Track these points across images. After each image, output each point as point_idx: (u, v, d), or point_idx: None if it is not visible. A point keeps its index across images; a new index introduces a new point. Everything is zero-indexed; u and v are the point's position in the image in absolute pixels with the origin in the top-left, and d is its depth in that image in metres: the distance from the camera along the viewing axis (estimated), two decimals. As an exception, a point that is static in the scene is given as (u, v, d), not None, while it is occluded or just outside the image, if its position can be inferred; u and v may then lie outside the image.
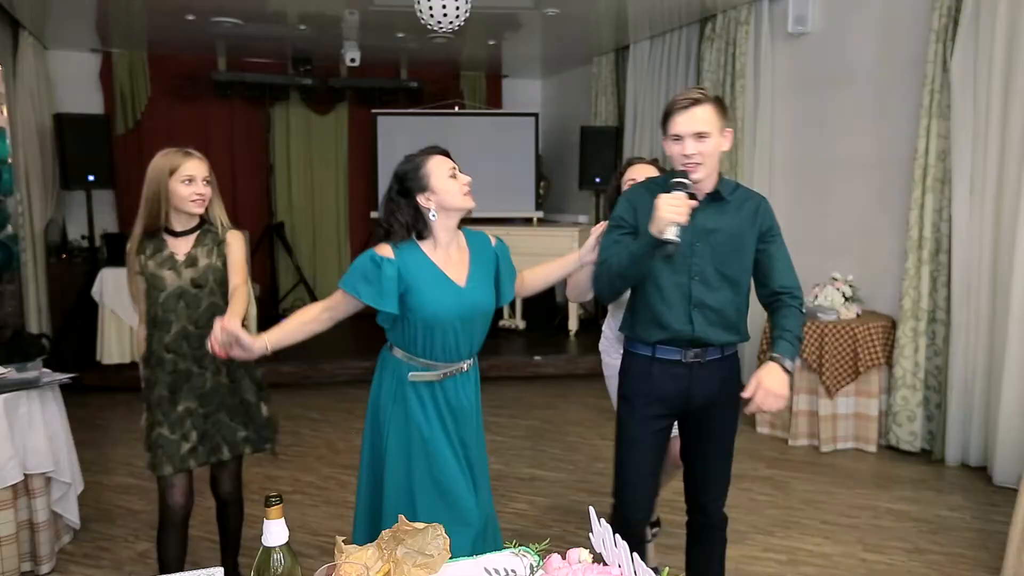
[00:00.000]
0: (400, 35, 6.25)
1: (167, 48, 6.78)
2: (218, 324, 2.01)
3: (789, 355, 2.03)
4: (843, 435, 4.24)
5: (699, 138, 1.97)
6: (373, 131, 7.38)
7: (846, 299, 4.33)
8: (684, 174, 1.96)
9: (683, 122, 1.98)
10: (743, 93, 5.15)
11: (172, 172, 2.27)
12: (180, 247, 2.35)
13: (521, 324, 6.81)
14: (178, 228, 2.35)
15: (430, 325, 2.01)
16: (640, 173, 2.62)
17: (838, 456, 4.16)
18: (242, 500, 2.65)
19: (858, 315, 4.31)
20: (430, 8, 3.86)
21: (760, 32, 5.09)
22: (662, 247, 1.90)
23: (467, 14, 3.95)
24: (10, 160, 5.27)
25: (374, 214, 7.43)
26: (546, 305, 6.98)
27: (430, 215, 2.03)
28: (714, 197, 2.06)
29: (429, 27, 4.02)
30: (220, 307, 2.33)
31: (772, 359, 2.03)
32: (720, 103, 2.04)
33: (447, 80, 7.98)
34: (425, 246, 2.05)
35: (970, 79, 3.79)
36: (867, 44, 4.49)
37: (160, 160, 2.30)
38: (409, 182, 2.03)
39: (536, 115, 7.51)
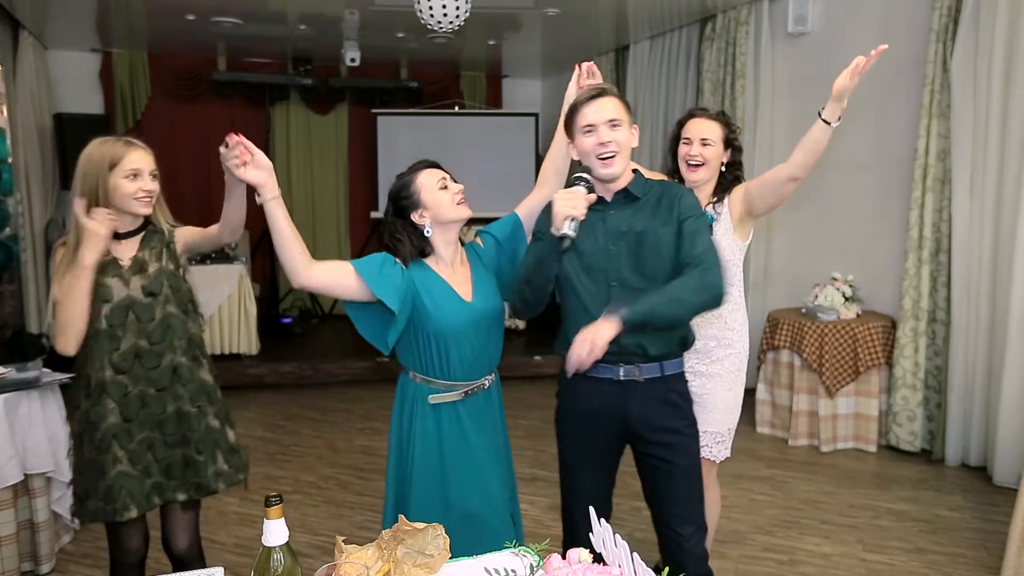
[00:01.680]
0: (400, 35, 6.25)
1: (167, 48, 6.78)
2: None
3: (628, 310, 1.75)
4: (843, 435, 4.24)
5: (613, 126, 1.85)
6: (373, 131, 7.38)
7: (846, 299, 4.33)
8: (587, 170, 1.86)
9: (594, 111, 1.86)
10: (743, 93, 5.15)
11: (113, 165, 1.95)
12: (123, 251, 2.02)
13: (521, 324, 6.81)
14: (120, 230, 2.01)
15: (442, 338, 1.95)
16: (695, 131, 2.40)
17: (838, 456, 4.16)
18: (203, 558, 2.24)
19: (858, 315, 4.31)
20: (430, 8, 3.86)
21: (760, 32, 5.09)
22: (560, 243, 1.78)
23: (467, 14, 3.95)
24: (10, 160, 5.28)
25: (374, 214, 7.44)
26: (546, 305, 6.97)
27: (425, 231, 1.98)
28: (626, 196, 1.92)
29: (429, 27, 4.02)
30: (177, 318, 2.05)
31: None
32: (624, 99, 1.93)
33: (447, 80, 7.99)
34: (430, 262, 2.01)
35: (970, 79, 3.79)
36: (867, 44, 4.43)
37: (97, 149, 1.96)
38: (402, 201, 1.99)
39: (536, 115, 7.52)
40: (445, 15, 3.88)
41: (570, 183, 1.85)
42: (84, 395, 2.02)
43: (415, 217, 1.98)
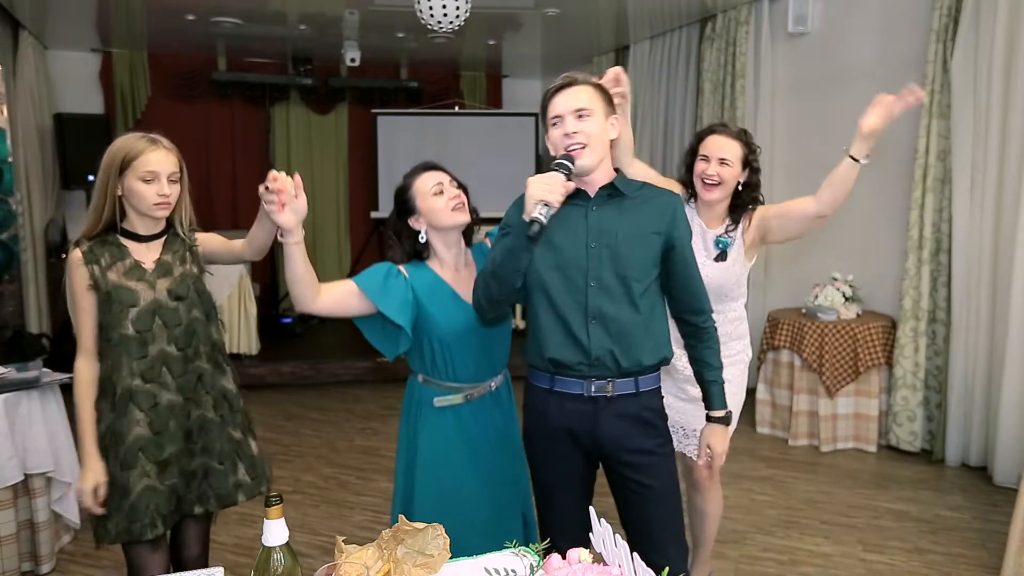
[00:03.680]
0: (400, 35, 6.25)
1: (167, 48, 6.78)
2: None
3: (722, 405, 1.93)
4: (843, 435, 4.24)
5: (580, 116, 1.75)
6: (373, 131, 7.38)
7: (846, 299, 4.33)
8: (568, 157, 1.73)
9: (560, 102, 1.77)
10: (743, 93, 5.15)
11: (127, 165, 1.83)
12: (146, 255, 1.93)
13: (521, 324, 6.81)
14: (143, 232, 1.94)
15: (446, 343, 1.95)
16: (713, 149, 2.29)
17: (838, 456, 4.16)
18: (208, 564, 2.17)
19: (858, 315, 4.31)
20: (430, 8, 3.86)
21: (760, 32, 5.09)
22: (528, 228, 1.64)
23: (467, 14, 3.95)
24: (10, 160, 5.28)
25: (374, 214, 7.44)
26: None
27: (420, 236, 1.99)
28: (611, 193, 1.80)
29: (429, 27, 4.02)
30: (203, 324, 1.97)
31: (710, 420, 1.94)
32: (602, 89, 1.83)
33: (447, 80, 7.99)
34: (432, 264, 2.02)
35: (970, 79, 3.79)
36: (867, 44, 4.48)
37: (118, 143, 1.86)
38: (401, 204, 2.01)
39: (536, 115, 7.51)
40: (445, 15, 3.88)
41: (549, 168, 1.72)
42: (109, 407, 1.91)
43: (411, 221, 2.00)
